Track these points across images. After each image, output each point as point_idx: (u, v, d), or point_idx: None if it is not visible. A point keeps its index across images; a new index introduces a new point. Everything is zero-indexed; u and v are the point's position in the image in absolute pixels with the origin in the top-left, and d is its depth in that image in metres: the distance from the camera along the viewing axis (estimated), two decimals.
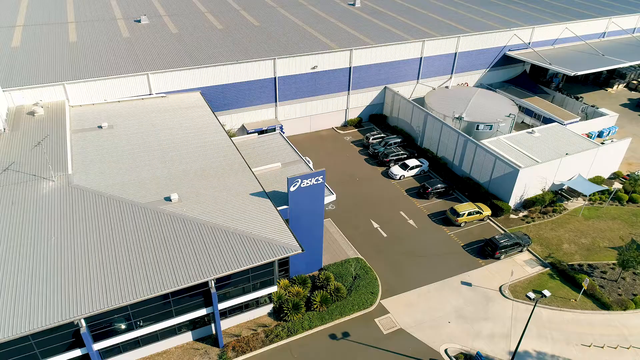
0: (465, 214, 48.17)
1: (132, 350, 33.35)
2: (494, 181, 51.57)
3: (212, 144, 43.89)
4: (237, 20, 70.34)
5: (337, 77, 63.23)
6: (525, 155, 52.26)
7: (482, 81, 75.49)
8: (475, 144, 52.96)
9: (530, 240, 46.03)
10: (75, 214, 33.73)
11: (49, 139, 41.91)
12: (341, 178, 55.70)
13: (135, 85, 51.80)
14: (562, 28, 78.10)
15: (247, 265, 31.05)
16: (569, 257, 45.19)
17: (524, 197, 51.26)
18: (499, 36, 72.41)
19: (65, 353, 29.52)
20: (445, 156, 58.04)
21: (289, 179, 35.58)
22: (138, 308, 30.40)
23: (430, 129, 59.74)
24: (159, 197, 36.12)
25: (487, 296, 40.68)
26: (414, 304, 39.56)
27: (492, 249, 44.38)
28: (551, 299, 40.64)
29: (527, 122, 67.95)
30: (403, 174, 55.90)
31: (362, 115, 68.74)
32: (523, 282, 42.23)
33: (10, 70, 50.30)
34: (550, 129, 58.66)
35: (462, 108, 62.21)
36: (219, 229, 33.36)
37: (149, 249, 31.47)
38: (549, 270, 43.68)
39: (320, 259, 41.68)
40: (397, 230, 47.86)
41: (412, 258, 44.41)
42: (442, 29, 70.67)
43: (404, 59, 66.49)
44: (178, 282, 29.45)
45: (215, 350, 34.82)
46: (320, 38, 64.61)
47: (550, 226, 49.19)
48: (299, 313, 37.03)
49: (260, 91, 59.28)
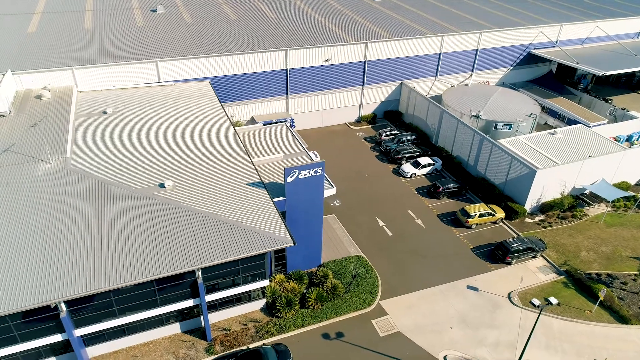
0: (476, 216, 45.73)
1: (118, 339, 32.49)
2: (510, 182, 48.89)
3: (214, 132, 42.85)
4: (253, 11, 69.43)
5: (351, 70, 61.48)
6: (545, 156, 49.37)
7: (504, 80, 72.44)
8: (491, 142, 50.38)
9: (545, 246, 43.28)
10: (66, 197, 33.11)
11: (52, 123, 41.67)
12: (349, 174, 53.94)
13: (144, 72, 51.32)
14: (592, 26, 74.23)
15: (235, 256, 29.73)
16: (586, 265, 42.27)
17: (542, 201, 48.39)
18: (523, 33, 69.25)
19: (45, 337, 28.83)
20: (460, 155, 55.56)
21: (286, 169, 34.13)
22: (121, 295, 29.46)
23: (446, 127, 57.35)
24: (154, 184, 35.23)
25: (494, 302, 38.27)
26: (414, 307, 37.51)
27: (502, 252, 41.87)
28: (564, 308, 37.93)
29: (551, 123, 64.69)
30: (414, 172, 53.73)
31: (377, 112, 66.76)
32: (534, 289, 39.61)
33: (23, 54, 50.54)
34: (573, 130, 55.46)
35: (481, 106, 59.54)
36: (210, 217, 32.18)
37: (135, 235, 30.52)
38: (564, 279, 40.90)
39: (319, 255, 40.08)
40: (403, 229, 45.82)
41: (416, 258, 42.33)
42: (463, 25, 68.06)
43: (422, 54, 64.20)
44: (161, 270, 28.34)
45: (203, 343, 33.64)
46: (335, 30, 63.03)
47: (568, 232, 46.24)
48: (292, 310, 35.51)
49: (271, 83, 58.08)
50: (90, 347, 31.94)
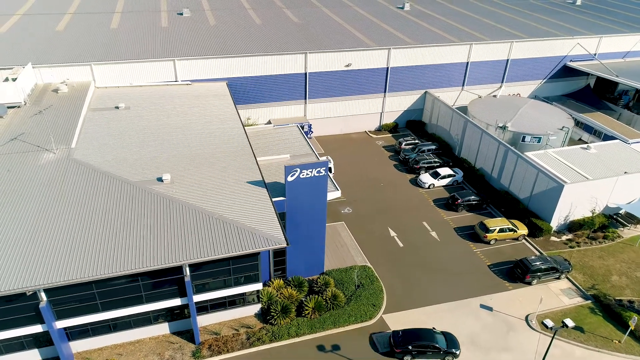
0: (495, 230, 42.51)
1: (103, 335, 31.28)
2: (535, 197, 45.44)
3: (222, 131, 41.83)
4: (278, 16, 69.01)
5: (372, 77, 59.68)
6: (574, 171, 45.71)
7: (537, 93, 68.81)
8: (516, 154, 47.18)
9: (571, 267, 39.56)
10: (62, 186, 32.57)
11: (64, 115, 41.79)
12: (364, 182, 51.72)
13: (161, 70, 51.20)
14: (635, 39, 69.80)
15: (223, 254, 28.08)
16: (617, 291, 38.27)
17: (570, 218, 44.64)
18: (559, 44, 65.72)
19: (23, 327, 27.87)
20: (484, 167, 52.42)
21: (287, 167, 32.46)
22: (104, 288, 28.25)
23: (470, 138, 54.42)
24: (152, 177, 34.29)
25: (509, 324, 34.92)
26: (421, 324, 34.62)
27: (522, 271, 38.48)
28: (589, 336, 34.15)
29: (585, 139, 60.49)
30: (433, 182, 50.96)
31: (399, 121, 64.45)
32: (556, 312, 36.00)
33: (47, 50, 51.46)
34: (609, 146, 51.44)
35: (509, 118, 56.33)
36: (203, 213, 30.77)
37: (125, 227, 29.44)
38: (591, 304, 37.08)
39: (322, 261, 37.95)
40: (416, 240, 43.09)
41: (427, 272, 39.48)
42: (493, 34, 65.26)
43: (448, 62, 61.74)
44: (144, 264, 27.00)
45: (191, 346, 31.96)
46: (357, 35, 61.57)
47: (598, 253, 42.29)
48: (287, 317, 33.41)
49: (290, 86, 56.97)
50: (74, 342, 30.81)
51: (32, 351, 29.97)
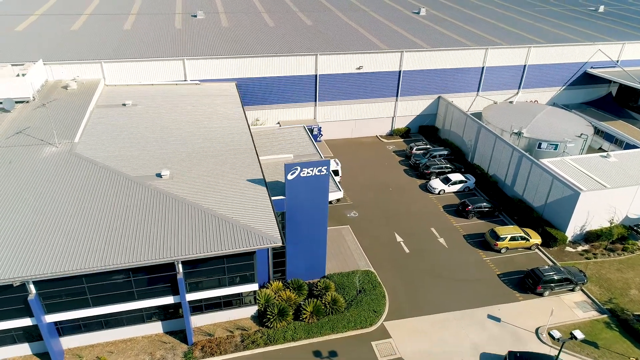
0: (507, 238, 40.72)
1: (95, 332, 30.63)
2: (550, 206, 43.50)
3: (227, 129, 41.25)
4: (291, 19, 68.70)
5: (384, 80, 58.61)
6: (592, 179, 43.68)
7: (555, 100, 66.70)
8: (530, 160, 45.38)
9: (586, 279, 37.51)
10: (62, 179, 32.29)
11: (70, 110, 41.84)
12: (372, 186, 50.46)
13: (171, 70, 51.08)
14: None
15: (217, 252, 27.19)
16: (636, 305, 36.07)
17: (586, 228, 42.56)
18: (579, 50, 63.68)
19: (12, 320, 27.37)
20: (497, 174, 50.65)
21: (287, 165, 31.52)
22: (94, 283, 27.60)
23: (483, 144, 52.74)
24: (152, 173, 33.77)
25: (517, 336, 33.08)
26: (423, 332, 33.08)
27: (533, 281, 36.61)
28: (603, 352, 32.09)
29: (606, 148, 58.11)
30: (443, 188, 49.41)
31: (411, 126, 63.11)
32: (569, 326, 33.98)
33: (60, 47, 51.93)
34: (630, 154, 49.13)
35: (525, 124, 54.50)
36: (199, 209, 30.02)
37: (119, 222, 28.85)
38: (607, 318, 34.97)
39: (323, 265, 36.77)
40: (423, 246, 41.57)
41: (433, 279, 37.91)
42: (510, 39, 63.62)
43: (463, 67, 60.32)
44: (135, 259, 26.28)
45: (184, 347, 31.06)
46: (370, 38, 60.69)
47: (616, 266, 40.11)
48: (283, 320, 32.26)
49: (300, 88, 56.29)
50: (65, 337, 30.21)
51: (23, 345, 29.47)
